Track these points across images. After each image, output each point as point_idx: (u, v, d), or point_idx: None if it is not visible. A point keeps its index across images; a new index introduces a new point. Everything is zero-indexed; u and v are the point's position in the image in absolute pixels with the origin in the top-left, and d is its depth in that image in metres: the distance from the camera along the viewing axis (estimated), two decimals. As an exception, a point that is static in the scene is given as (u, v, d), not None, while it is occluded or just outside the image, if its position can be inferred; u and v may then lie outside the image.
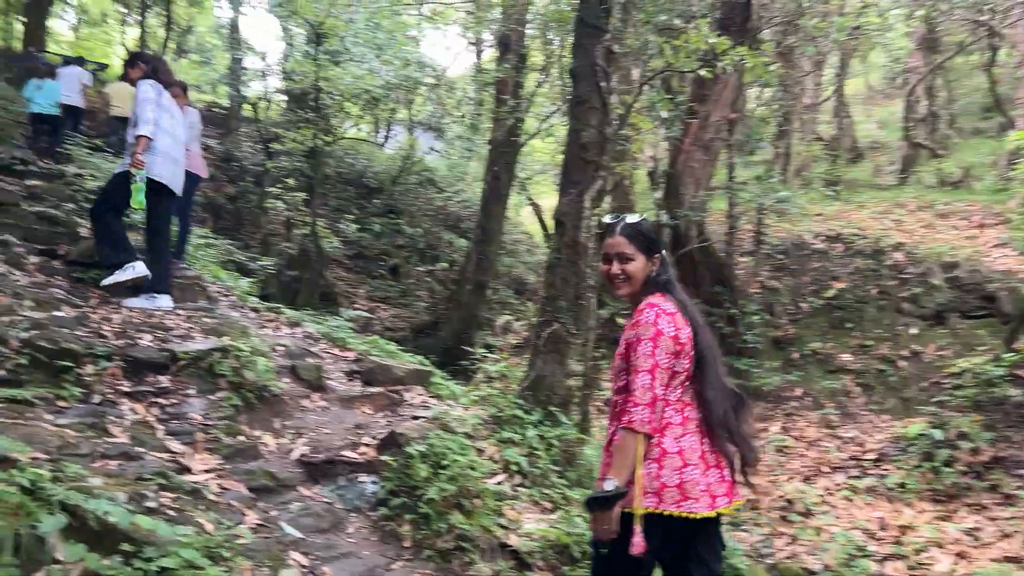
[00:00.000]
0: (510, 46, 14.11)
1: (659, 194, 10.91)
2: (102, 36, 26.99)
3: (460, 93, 16.06)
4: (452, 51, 59.97)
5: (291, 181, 12.35)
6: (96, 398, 4.38)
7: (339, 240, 14.97)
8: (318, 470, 4.57)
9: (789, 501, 8.19)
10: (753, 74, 5.87)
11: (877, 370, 10.92)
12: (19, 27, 19.04)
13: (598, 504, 2.55)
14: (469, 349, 8.71)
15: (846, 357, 11.22)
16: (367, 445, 4.81)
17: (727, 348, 10.69)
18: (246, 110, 18.01)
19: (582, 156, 5.59)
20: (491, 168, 14.09)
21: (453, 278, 16.52)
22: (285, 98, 18.34)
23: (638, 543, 2.51)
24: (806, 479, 8.87)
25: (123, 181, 5.93)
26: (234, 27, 18.63)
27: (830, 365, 11.21)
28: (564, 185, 5.71)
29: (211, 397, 4.85)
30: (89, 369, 4.50)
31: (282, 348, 6.18)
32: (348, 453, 4.70)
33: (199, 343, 5.16)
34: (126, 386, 4.60)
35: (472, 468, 4.56)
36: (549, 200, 16.14)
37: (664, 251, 2.89)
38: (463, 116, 16.36)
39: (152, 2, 23.73)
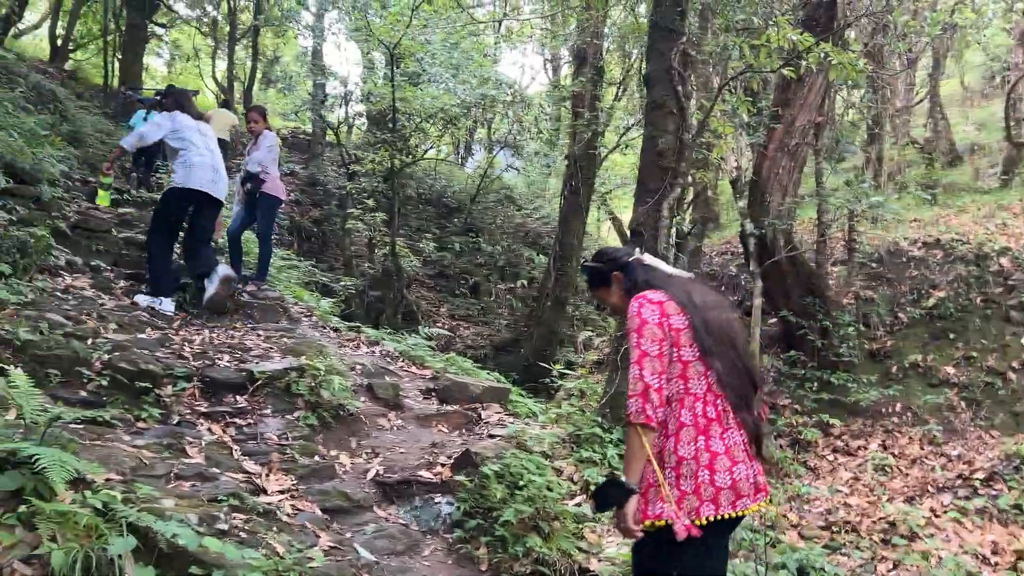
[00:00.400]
0: (587, 60, 13.98)
1: (743, 203, 10.55)
2: (194, 70, 28.12)
3: (537, 109, 16.00)
4: (529, 69, 60.19)
5: (371, 202, 12.50)
6: (174, 418, 4.42)
7: (420, 259, 15.07)
8: (393, 490, 4.48)
9: (891, 523, 7.68)
10: (839, 74, 5.54)
11: (984, 383, 10.22)
12: (117, 65, 19.94)
13: (599, 500, 2.54)
14: (549, 366, 8.55)
15: (949, 370, 10.56)
16: (443, 465, 4.70)
17: (820, 362, 10.21)
18: (329, 135, 18.41)
19: (658, 163, 5.40)
20: (569, 183, 13.95)
21: (533, 295, 16.41)
22: (365, 121, 18.67)
23: (680, 529, 2.44)
24: (909, 500, 8.32)
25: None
26: (316, 54, 19.11)
27: (932, 379, 10.56)
28: (640, 194, 5.52)
29: (288, 417, 4.84)
30: (168, 390, 4.54)
31: (360, 367, 6.16)
32: (424, 473, 4.60)
33: (276, 363, 5.16)
34: (204, 406, 4.62)
35: (550, 489, 4.39)
36: (629, 214, 15.93)
37: (626, 258, 2.86)
38: (540, 132, 16.29)
39: (240, 35, 24.57)
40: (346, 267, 13.52)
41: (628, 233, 5.64)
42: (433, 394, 6.13)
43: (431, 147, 16.91)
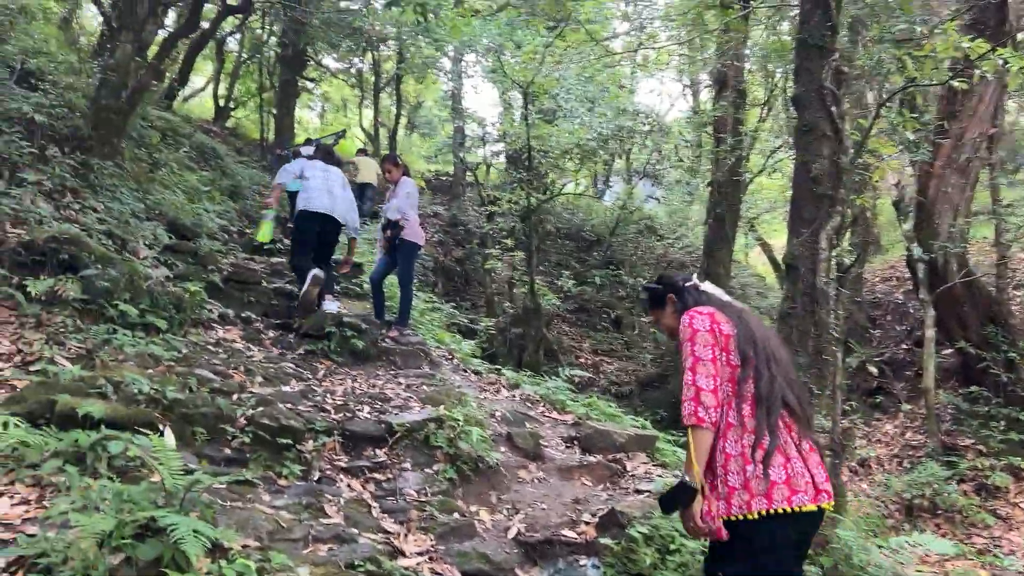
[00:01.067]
0: (727, 82, 13.48)
1: (908, 225, 9.71)
2: (342, 120, 29.54)
3: (676, 136, 15.59)
4: (668, 96, 59.43)
5: (509, 241, 12.46)
6: (315, 475, 4.38)
7: (561, 295, 14.89)
8: (535, 551, 4.24)
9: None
10: (1019, 81, 4.93)
11: None
12: (272, 120, 21.19)
13: (666, 503, 2.65)
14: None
15: None
16: (586, 523, 4.42)
17: (1007, 398, 9.17)
18: (469, 176, 18.70)
19: (813, 190, 4.95)
20: (713, 210, 13.42)
21: (679, 328, 15.81)
22: (503, 160, 18.84)
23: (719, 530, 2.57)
24: None
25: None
26: (455, 97, 19.53)
27: None
28: (794, 224, 5.08)
29: (427, 470, 4.72)
30: (309, 445, 4.52)
31: (500, 414, 5.99)
32: (567, 532, 4.34)
33: (415, 414, 5.07)
34: (344, 461, 4.57)
35: (704, 553, 4.01)
36: (780, 239, 15.10)
37: (682, 282, 3.04)
38: (680, 160, 15.84)
39: (384, 84, 25.57)
40: (488, 306, 13.54)
41: (783, 266, 5.20)
42: (575, 443, 5.87)
43: (568, 182, 16.80)
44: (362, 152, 17.47)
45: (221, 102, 24.13)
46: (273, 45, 21.14)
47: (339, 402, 5.26)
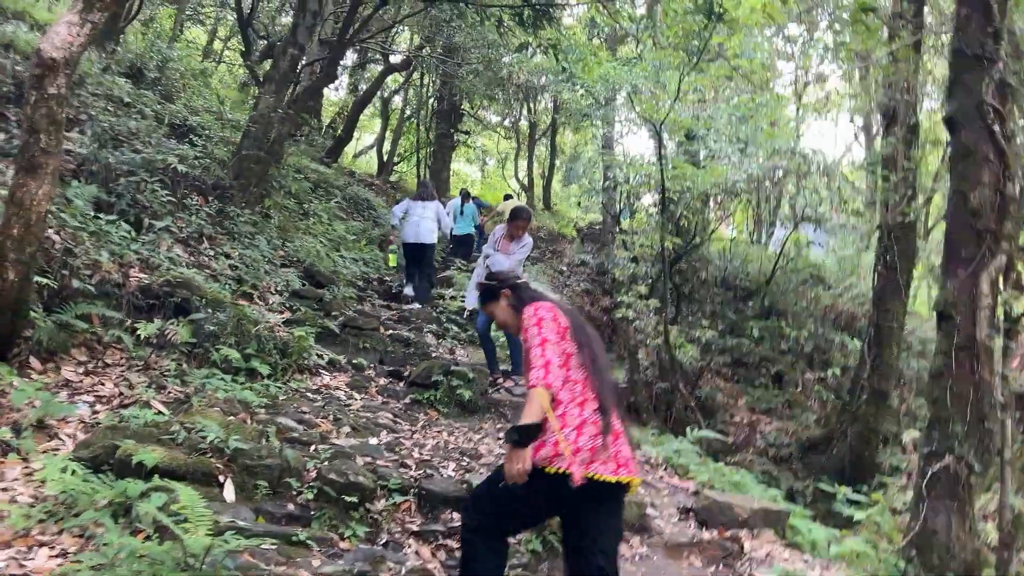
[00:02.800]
0: (896, 118, 12.28)
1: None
2: (499, 171, 30.08)
3: (839, 179, 14.40)
4: (841, 138, 56.46)
5: (642, 288, 11.77)
6: (383, 537, 4.02)
7: (713, 347, 13.98)
8: (622, 643, 3.63)
9: None
10: None
11: None
12: (427, 172, 21.76)
13: (515, 437, 2.97)
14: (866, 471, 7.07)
15: None
16: (684, 615, 3.77)
17: None
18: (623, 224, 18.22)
19: (972, 224, 4.13)
20: (882, 257, 12.14)
21: (847, 386, 14.44)
22: (650, 205, 18.23)
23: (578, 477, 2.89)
24: None
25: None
26: (607, 142, 19.19)
27: None
28: (949, 265, 4.25)
29: (509, 539, 4.23)
30: (379, 504, 4.17)
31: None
32: (660, 624, 3.71)
33: None
34: (417, 523, 4.18)
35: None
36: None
37: (516, 280, 3.57)
38: (844, 203, 14.60)
39: (539, 135, 25.77)
40: (631, 357, 12.88)
41: (935, 315, 4.35)
42: (690, 514, 5.17)
43: (715, 227, 15.98)
44: (508, 198, 17.89)
45: (385, 157, 25.18)
46: (431, 100, 21.79)
47: (425, 457, 4.91)
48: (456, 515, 4.29)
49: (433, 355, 7.45)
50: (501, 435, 5.76)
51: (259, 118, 9.22)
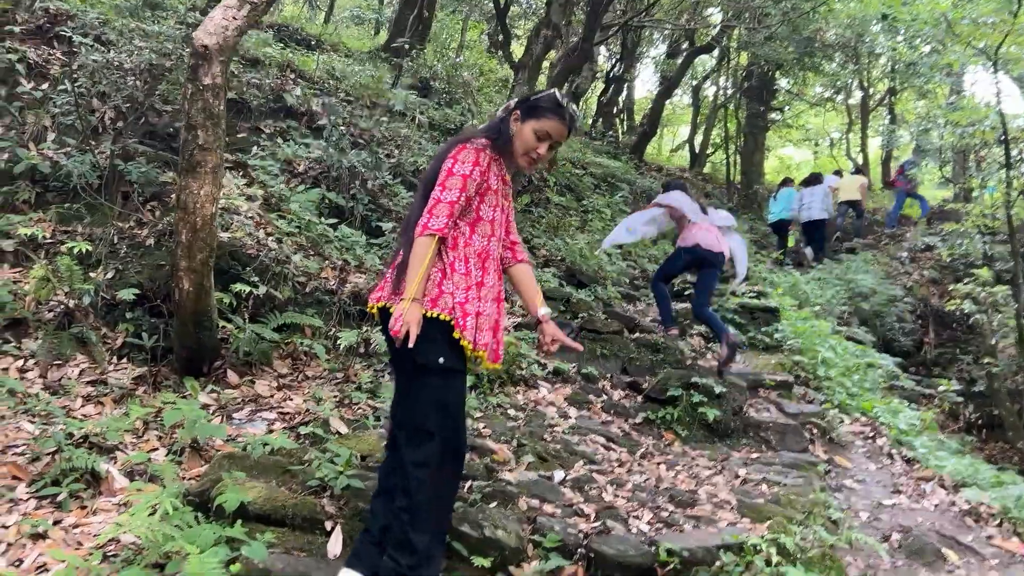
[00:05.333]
0: None
1: None
2: (829, 151, 26.96)
3: None
4: None
5: (983, 271, 8.97)
6: (525, 616, 2.95)
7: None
8: None
9: None
10: None
11: None
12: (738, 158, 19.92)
13: None
14: None
15: None
16: None
17: None
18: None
19: None
20: None
21: None
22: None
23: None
24: None
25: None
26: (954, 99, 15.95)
27: None
28: None
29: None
30: (529, 569, 3.11)
31: (897, 537, 3.78)
32: None
33: (703, 536, 3.29)
34: (576, 600, 3.05)
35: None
36: None
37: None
38: None
39: (875, 105, 22.51)
40: (989, 357, 10.12)
41: None
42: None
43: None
44: (836, 174, 15.85)
45: (698, 148, 23.70)
46: (741, 78, 19.88)
47: (620, 499, 3.73)
48: (635, 591, 3.08)
49: (688, 363, 6.16)
50: (739, 472, 4.36)
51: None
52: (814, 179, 13.20)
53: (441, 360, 2.66)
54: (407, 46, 10.94)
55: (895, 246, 16.52)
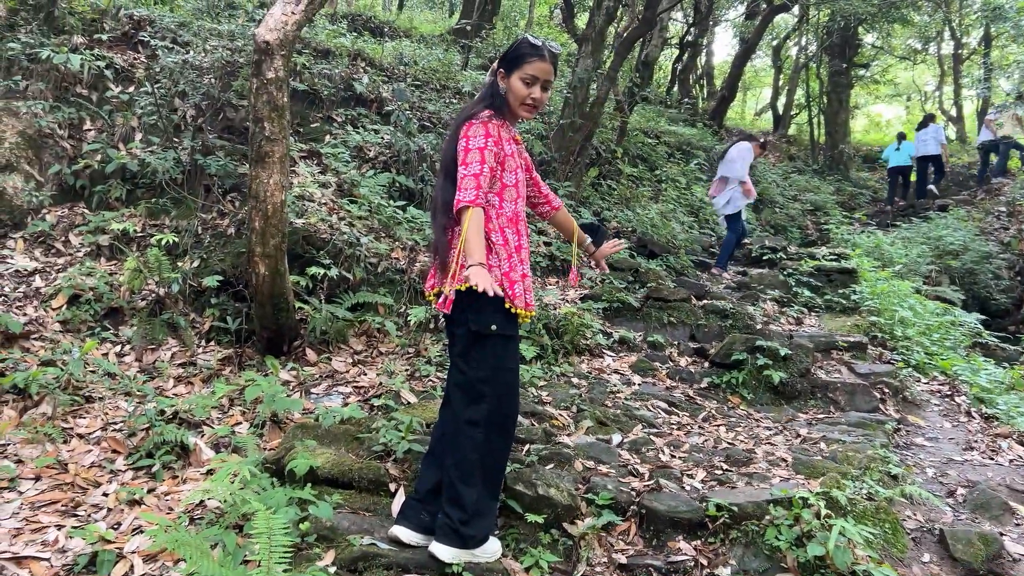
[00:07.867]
0: None
1: None
2: (921, 107, 25.70)
3: None
4: None
5: None
6: (580, 569, 3.09)
7: None
8: None
9: None
10: None
11: None
12: (822, 118, 19.25)
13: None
14: None
15: None
16: None
17: None
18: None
19: None
20: None
21: None
22: None
23: None
24: None
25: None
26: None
27: None
28: None
29: (764, 585, 3.01)
30: (582, 525, 3.24)
31: (962, 492, 3.74)
32: None
33: (754, 492, 3.34)
34: (627, 554, 3.16)
35: None
36: None
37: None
38: None
39: (967, 55, 21.36)
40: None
41: None
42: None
43: None
44: (923, 126, 15.26)
45: (781, 110, 23.05)
46: (822, 35, 19.19)
47: (674, 459, 3.81)
48: (687, 544, 3.17)
49: (758, 328, 6.12)
50: (800, 431, 4.36)
51: (577, 83, 8.63)
52: (927, 120, 14.75)
53: (494, 327, 2.80)
54: (475, 27, 11.08)
55: (991, 200, 15.75)
